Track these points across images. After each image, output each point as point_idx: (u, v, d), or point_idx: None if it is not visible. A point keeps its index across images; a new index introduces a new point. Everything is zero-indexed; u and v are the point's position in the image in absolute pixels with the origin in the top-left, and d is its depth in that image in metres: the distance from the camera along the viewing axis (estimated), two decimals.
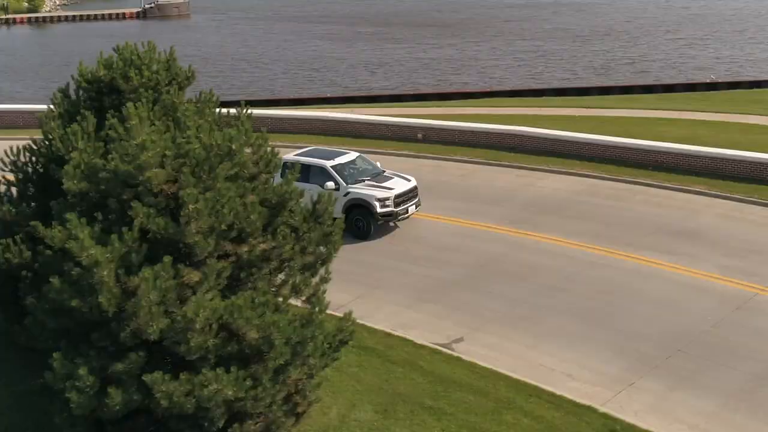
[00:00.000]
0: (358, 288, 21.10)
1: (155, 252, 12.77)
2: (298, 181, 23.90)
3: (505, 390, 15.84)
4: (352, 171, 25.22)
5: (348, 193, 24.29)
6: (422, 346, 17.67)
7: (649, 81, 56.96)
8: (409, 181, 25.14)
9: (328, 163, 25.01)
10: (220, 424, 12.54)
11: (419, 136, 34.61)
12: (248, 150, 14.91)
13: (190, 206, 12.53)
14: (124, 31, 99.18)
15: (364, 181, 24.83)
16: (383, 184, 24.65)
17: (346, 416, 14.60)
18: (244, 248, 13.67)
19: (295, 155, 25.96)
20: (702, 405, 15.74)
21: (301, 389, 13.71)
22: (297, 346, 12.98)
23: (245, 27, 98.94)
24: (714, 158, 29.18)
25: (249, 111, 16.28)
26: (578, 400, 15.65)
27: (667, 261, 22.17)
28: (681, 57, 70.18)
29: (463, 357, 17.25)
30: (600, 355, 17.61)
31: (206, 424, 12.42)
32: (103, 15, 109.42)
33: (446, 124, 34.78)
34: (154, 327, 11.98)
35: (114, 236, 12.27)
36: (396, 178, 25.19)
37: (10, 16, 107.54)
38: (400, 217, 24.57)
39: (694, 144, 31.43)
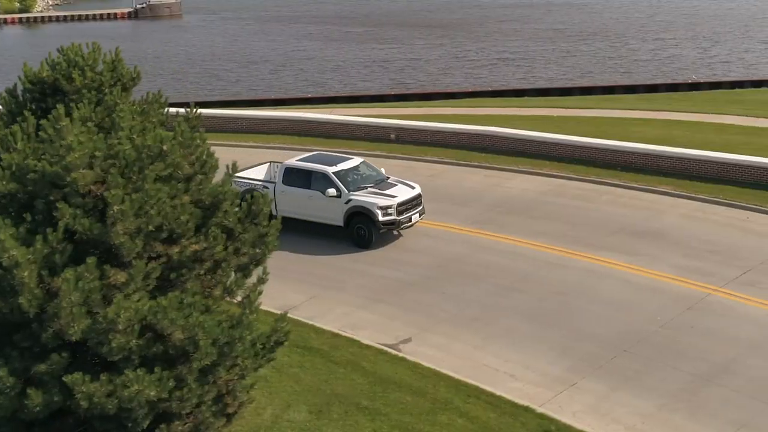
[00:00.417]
0: (314, 288, 21.15)
1: (83, 253, 12.81)
2: (300, 187, 24.32)
3: (445, 390, 15.85)
4: (355, 177, 24.53)
5: (350, 200, 23.63)
6: (368, 347, 17.69)
7: (631, 81, 56.95)
8: (413, 188, 24.53)
9: (330, 169, 24.27)
10: (144, 424, 12.55)
11: (392, 136, 34.61)
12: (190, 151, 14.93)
13: (115, 207, 12.54)
14: (115, 31, 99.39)
15: (366, 188, 24.14)
16: (386, 192, 23.97)
17: (279, 417, 14.62)
18: (175, 249, 13.65)
19: (298, 160, 25.40)
20: (642, 405, 15.75)
21: (232, 390, 13.72)
22: (224, 347, 13.01)
23: (236, 27, 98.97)
24: (681, 158, 29.21)
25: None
26: (517, 400, 15.66)
27: (625, 261, 22.18)
28: (669, 57, 70.17)
29: (408, 357, 17.27)
30: (546, 355, 17.62)
31: (130, 424, 12.43)
32: (94, 15, 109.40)
33: (418, 124, 34.78)
34: (76, 328, 11.98)
35: (39, 237, 12.30)
36: (400, 185, 24.58)
37: (1, 16, 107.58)
38: (402, 226, 23.85)
39: (667, 144, 31.47)
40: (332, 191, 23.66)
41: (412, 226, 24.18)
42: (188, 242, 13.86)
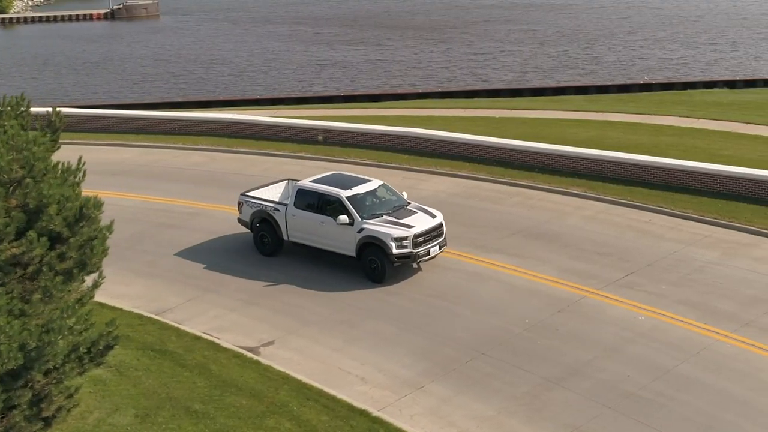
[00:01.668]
0: (194, 290, 21.12)
1: None
2: (312, 211, 22.50)
3: (285, 394, 15.84)
4: (373, 202, 22.44)
5: (362, 229, 21.39)
6: (225, 350, 17.67)
7: (583, 82, 56.90)
8: (434, 217, 22.19)
9: (344, 194, 22.03)
10: None
11: (320, 138, 34.59)
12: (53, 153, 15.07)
13: None
14: (91, 32, 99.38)
15: (382, 215, 21.90)
16: (403, 221, 21.68)
17: (103, 420, 14.61)
18: None
19: (312, 181, 23.22)
20: (482, 409, 15.75)
21: (48, 394, 13.69)
22: (32, 352, 12.99)
23: (210, 28, 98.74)
24: (595, 160, 29.20)
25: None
26: (356, 404, 15.65)
27: (512, 264, 22.15)
28: (634, 59, 70.11)
29: (262, 361, 17.26)
30: (403, 358, 17.60)
31: None
32: (70, 16, 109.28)
33: (345, 125, 34.76)
34: None
35: None
36: (420, 213, 22.25)
37: None
38: (420, 259, 21.56)
39: (599, 146, 31.51)
40: (344, 218, 21.50)
41: (431, 259, 22.01)
42: (8, 246, 13.88)
